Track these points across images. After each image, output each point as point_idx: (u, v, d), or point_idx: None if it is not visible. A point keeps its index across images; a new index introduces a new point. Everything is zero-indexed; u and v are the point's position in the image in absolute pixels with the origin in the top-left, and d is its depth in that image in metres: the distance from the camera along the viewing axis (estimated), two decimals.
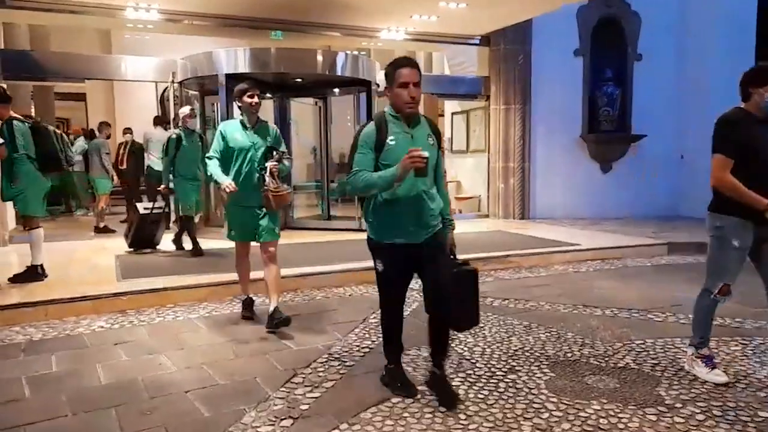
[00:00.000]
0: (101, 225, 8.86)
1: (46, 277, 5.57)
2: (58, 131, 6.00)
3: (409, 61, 3.07)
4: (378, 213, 3.06)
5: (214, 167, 4.36)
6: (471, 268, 3.04)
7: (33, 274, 5.52)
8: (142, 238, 7.17)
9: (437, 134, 3.15)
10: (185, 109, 7.10)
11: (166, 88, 9.02)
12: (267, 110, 10.01)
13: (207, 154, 4.52)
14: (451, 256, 3.13)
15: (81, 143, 10.74)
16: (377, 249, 3.13)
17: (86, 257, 6.88)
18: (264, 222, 4.39)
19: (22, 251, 7.29)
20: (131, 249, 7.12)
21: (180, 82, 8.71)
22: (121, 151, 10.37)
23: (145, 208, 7.24)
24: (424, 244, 3.03)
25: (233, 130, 4.39)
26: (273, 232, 4.45)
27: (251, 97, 4.36)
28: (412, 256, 3.05)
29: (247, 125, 4.41)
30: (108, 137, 9.35)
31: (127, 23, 9.11)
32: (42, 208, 5.65)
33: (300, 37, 9.60)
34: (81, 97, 15.08)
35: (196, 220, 7.53)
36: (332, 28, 9.70)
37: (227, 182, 4.23)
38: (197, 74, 8.44)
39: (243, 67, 8.20)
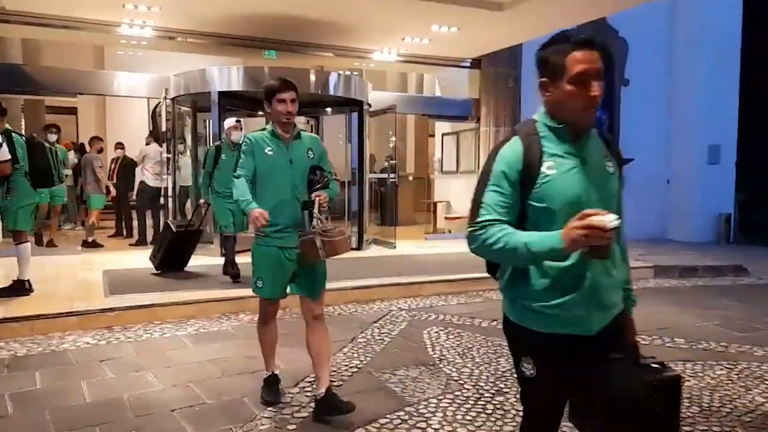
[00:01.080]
0: (90, 239, 8.79)
1: (32, 291, 5.52)
2: (53, 147, 6.02)
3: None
4: (529, 284, 1.80)
5: (241, 189, 3.14)
6: (674, 374, 1.89)
7: (20, 288, 5.47)
8: (173, 258, 6.63)
9: (617, 156, 1.96)
10: (230, 120, 6.34)
11: (158, 103, 9.02)
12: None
13: (235, 173, 3.25)
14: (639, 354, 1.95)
15: (71, 157, 10.70)
16: (525, 341, 1.86)
17: (73, 272, 6.82)
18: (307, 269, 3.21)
19: (9, 264, 7.24)
20: (159, 270, 6.57)
21: (173, 99, 8.74)
22: (113, 166, 10.34)
23: (179, 226, 6.71)
24: (597, 336, 1.81)
25: (262, 144, 3.21)
26: (322, 282, 3.29)
27: (282, 102, 3.14)
28: (581, 353, 1.80)
29: (281, 137, 3.24)
30: (100, 151, 9.32)
31: (121, 39, 9.16)
32: (31, 222, 5.63)
33: (293, 56, 9.69)
34: (72, 111, 15.03)
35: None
36: (325, 49, 9.80)
37: (257, 211, 3.03)
38: (190, 91, 8.47)
39: (236, 85, 8.25)
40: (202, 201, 6.67)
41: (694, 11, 11.26)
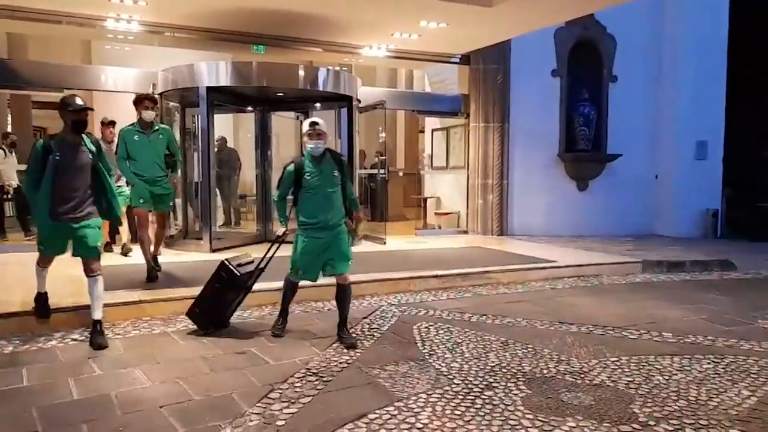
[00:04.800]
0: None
1: None
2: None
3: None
4: None
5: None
6: None
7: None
8: (220, 312, 4.71)
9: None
10: (305, 125, 4.53)
11: None
12: (248, 124, 10.02)
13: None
14: None
15: None
16: None
17: (60, 269, 6.74)
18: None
19: (5, 260, 7.16)
20: (204, 331, 4.66)
21: (161, 94, 8.67)
22: None
23: (239, 266, 4.68)
24: None
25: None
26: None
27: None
28: None
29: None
30: None
31: (108, 34, 9.07)
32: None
33: (282, 51, 9.63)
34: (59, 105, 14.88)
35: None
36: (314, 44, 9.76)
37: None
38: (178, 86, 8.41)
39: (224, 80, 8.19)
40: (281, 231, 4.65)
41: (681, 8, 11.32)
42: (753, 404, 3.44)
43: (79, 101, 4.32)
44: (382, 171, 10.77)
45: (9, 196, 9.14)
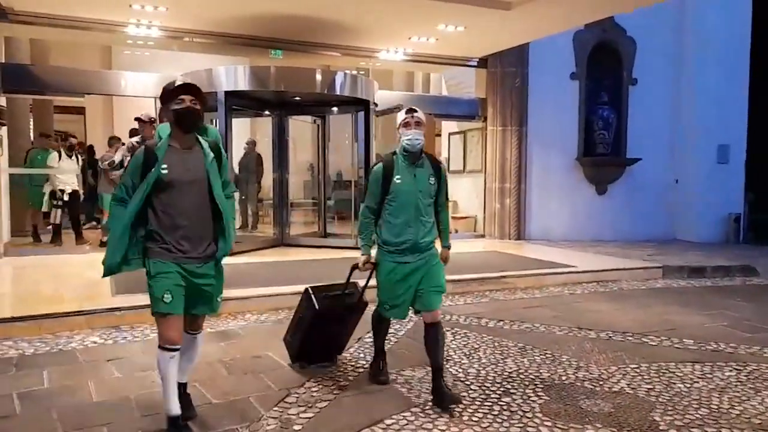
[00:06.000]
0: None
1: None
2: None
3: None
4: None
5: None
6: None
7: None
8: (318, 343, 4.02)
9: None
10: (400, 113, 3.66)
11: None
12: (266, 128, 10.08)
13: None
14: None
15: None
16: None
17: (80, 272, 6.85)
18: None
19: (17, 263, 7.29)
20: (297, 363, 4.05)
21: None
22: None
23: (324, 295, 3.93)
24: None
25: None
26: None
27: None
28: None
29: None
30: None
31: (128, 39, 9.19)
32: None
33: (300, 56, 9.68)
34: (80, 111, 15.10)
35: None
36: (332, 48, 9.79)
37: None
38: None
39: (243, 84, 8.25)
40: (364, 258, 3.60)
41: (702, 9, 11.17)
42: None
43: (179, 81, 3.02)
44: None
45: (61, 202, 8.62)
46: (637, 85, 11.13)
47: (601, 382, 3.82)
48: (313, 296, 3.87)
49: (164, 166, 2.85)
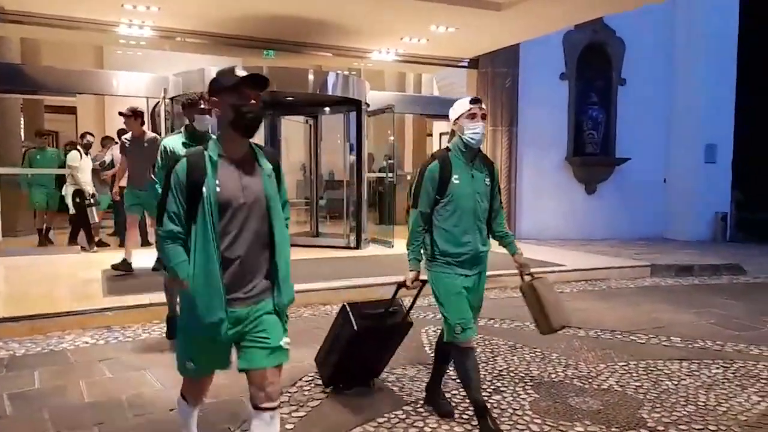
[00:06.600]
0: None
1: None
2: None
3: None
4: None
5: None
6: None
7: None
8: (355, 365, 3.63)
9: None
10: (462, 103, 3.12)
11: (157, 103, 9.02)
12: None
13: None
14: None
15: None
16: None
17: (71, 272, 6.83)
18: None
19: (9, 264, 7.25)
20: (329, 386, 3.65)
21: (171, 98, 8.74)
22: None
23: (365, 315, 3.51)
24: None
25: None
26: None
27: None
28: None
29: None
30: None
31: (120, 39, 9.15)
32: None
33: (292, 56, 9.69)
34: (71, 110, 15.03)
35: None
36: (324, 49, 9.80)
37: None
38: (189, 91, 8.47)
39: None
40: (411, 275, 3.17)
41: (691, 11, 11.28)
42: (763, 410, 3.43)
43: (242, 71, 2.29)
44: (390, 175, 10.79)
45: (93, 201, 8.26)
46: (626, 86, 11.23)
47: (590, 380, 3.87)
48: (351, 314, 3.46)
49: (217, 182, 2.17)
